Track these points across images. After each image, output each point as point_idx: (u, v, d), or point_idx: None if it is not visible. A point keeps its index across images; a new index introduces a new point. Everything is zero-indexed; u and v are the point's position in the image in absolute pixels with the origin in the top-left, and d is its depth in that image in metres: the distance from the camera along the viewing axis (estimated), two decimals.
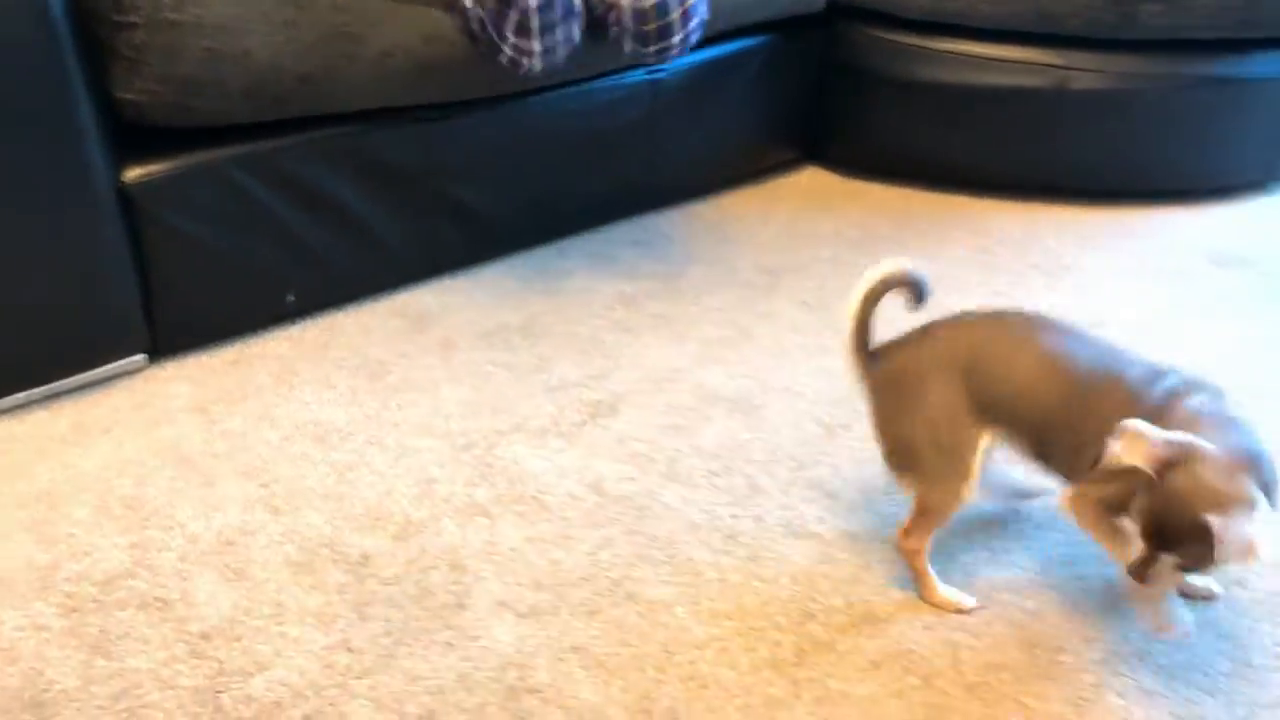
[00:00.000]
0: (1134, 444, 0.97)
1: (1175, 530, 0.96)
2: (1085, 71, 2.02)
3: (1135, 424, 0.97)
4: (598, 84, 1.88)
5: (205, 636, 1.14)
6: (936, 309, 1.70)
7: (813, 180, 2.23)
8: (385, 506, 1.32)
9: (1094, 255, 1.92)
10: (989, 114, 2.08)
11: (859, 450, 1.42)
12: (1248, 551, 0.93)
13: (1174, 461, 0.96)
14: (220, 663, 1.11)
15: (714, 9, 1.74)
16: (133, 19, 1.41)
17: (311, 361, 1.61)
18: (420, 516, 1.31)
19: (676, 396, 1.54)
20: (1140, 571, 1.00)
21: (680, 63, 1.99)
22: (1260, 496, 0.97)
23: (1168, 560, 0.98)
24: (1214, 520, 0.93)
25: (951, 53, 2.07)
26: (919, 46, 2.10)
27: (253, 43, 1.48)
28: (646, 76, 1.95)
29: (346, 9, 1.54)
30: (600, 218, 2.03)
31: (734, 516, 1.30)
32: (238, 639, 1.14)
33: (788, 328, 1.71)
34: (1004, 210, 2.09)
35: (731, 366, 1.61)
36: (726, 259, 1.94)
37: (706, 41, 2.03)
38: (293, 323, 1.69)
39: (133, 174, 1.49)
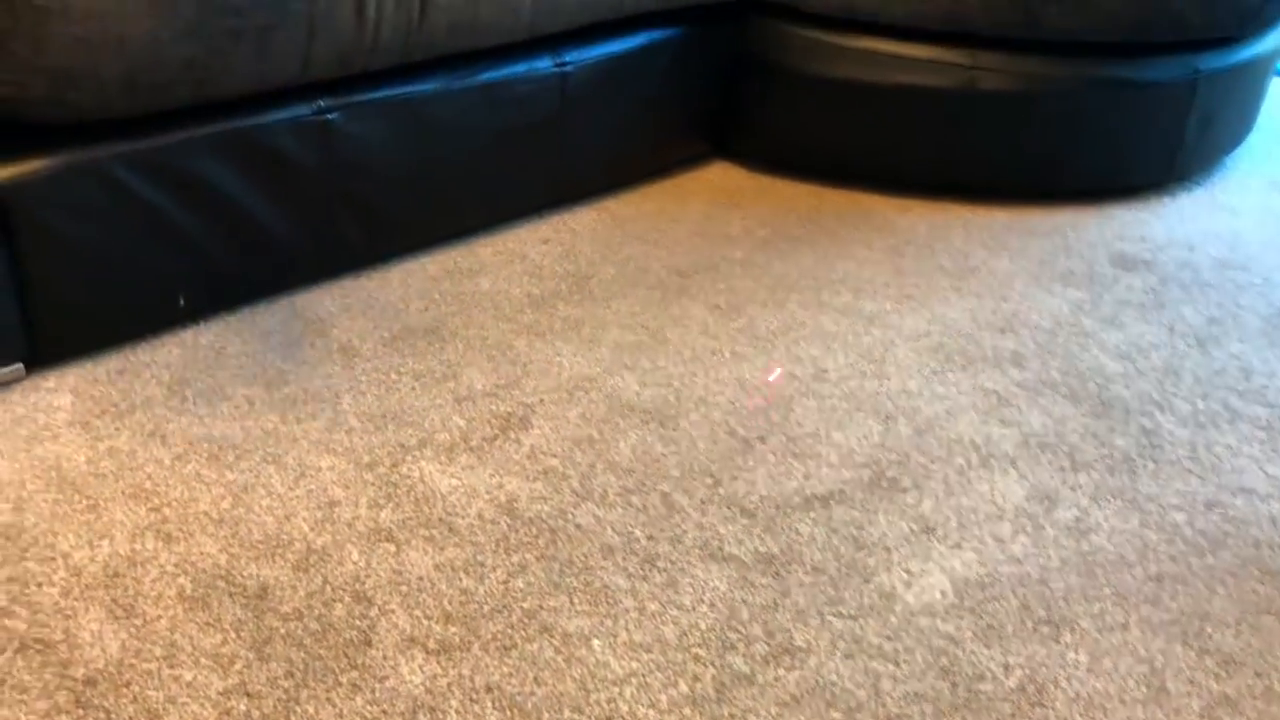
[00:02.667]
0: None
1: None
2: (992, 72, 2.03)
3: None
4: (505, 76, 1.82)
5: (91, 682, 1.07)
6: (847, 312, 1.71)
7: (723, 176, 2.21)
8: (285, 532, 1.26)
9: (1000, 257, 1.93)
10: (898, 112, 2.08)
11: (775, 464, 1.40)
12: None
13: None
14: (108, 712, 1.04)
15: None
16: None
17: (204, 370, 1.53)
18: (322, 543, 1.25)
19: (589, 407, 1.50)
20: None
21: (590, 54, 1.94)
22: None
23: None
24: None
25: (862, 50, 2.06)
26: (830, 43, 2.08)
27: (128, 27, 1.38)
28: (555, 69, 1.89)
29: None
30: (509, 215, 1.97)
31: (650, 538, 1.27)
32: (127, 684, 1.07)
33: (700, 332, 1.68)
34: (912, 209, 2.09)
35: (645, 374, 1.58)
36: (637, 259, 1.90)
37: (618, 33, 1.98)
38: (184, 328, 1.60)
39: (4, 173, 1.39)
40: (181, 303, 1.60)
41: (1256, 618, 1.19)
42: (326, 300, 1.71)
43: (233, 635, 1.13)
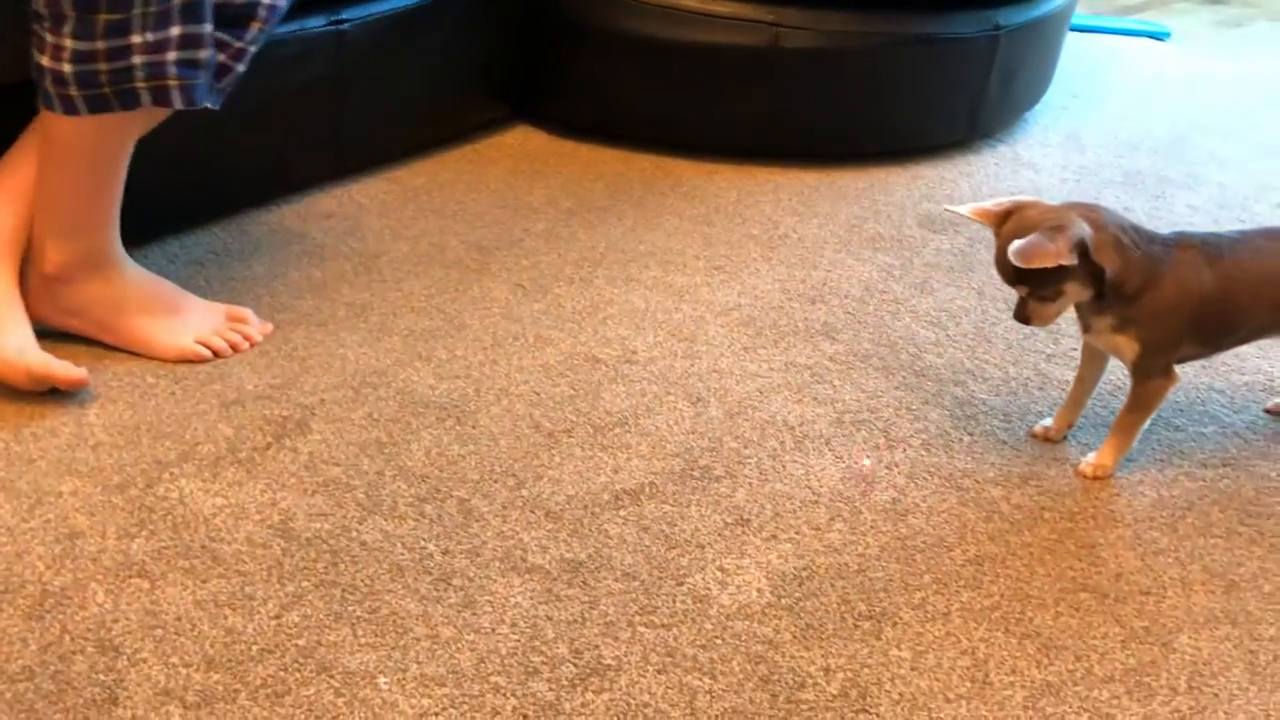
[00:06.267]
0: (976, 210, 1.24)
1: (1005, 261, 1.18)
2: (796, 29, 1.96)
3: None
4: (275, 36, 1.63)
5: None
6: (656, 288, 1.61)
7: (523, 140, 2.08)
8: (16, 574, 1.09)
9: (809, 223, 1.87)
10: (701, 71, 1.99)
11: (582, 459, 1.30)
12: (1049, 256, 1.15)
13: (1006, 215, 1.23)
14: None
15: None
16: None
17: None
18: (61, 584, 1.08)
19: (378, 405, 1.36)
20: (1019, 313, 1.25)
21: (369, 11, 1.77)
22: (1081, 226, 1.18)
23: (1023, 294, 1.23)
24: (1010, 248, 1.16)
25: (664, 5, 1.96)
26: None
27: None
28: (330, 27, 1.72)
29: None
30: (285, 189, 1.80)
31: (445, 553, 1.16)
32: None
33: (501, 315, 1.56)
34: (720, 174, 2.02)
35: (441, 365, 1.45)
36: (431, 234, 1.76)
37: None
38: None
39: None
40: None
41: (1075, 595, 1.16)
42: None
43: None
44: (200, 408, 1.33)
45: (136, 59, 1.22)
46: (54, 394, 1.32)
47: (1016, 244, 1.16)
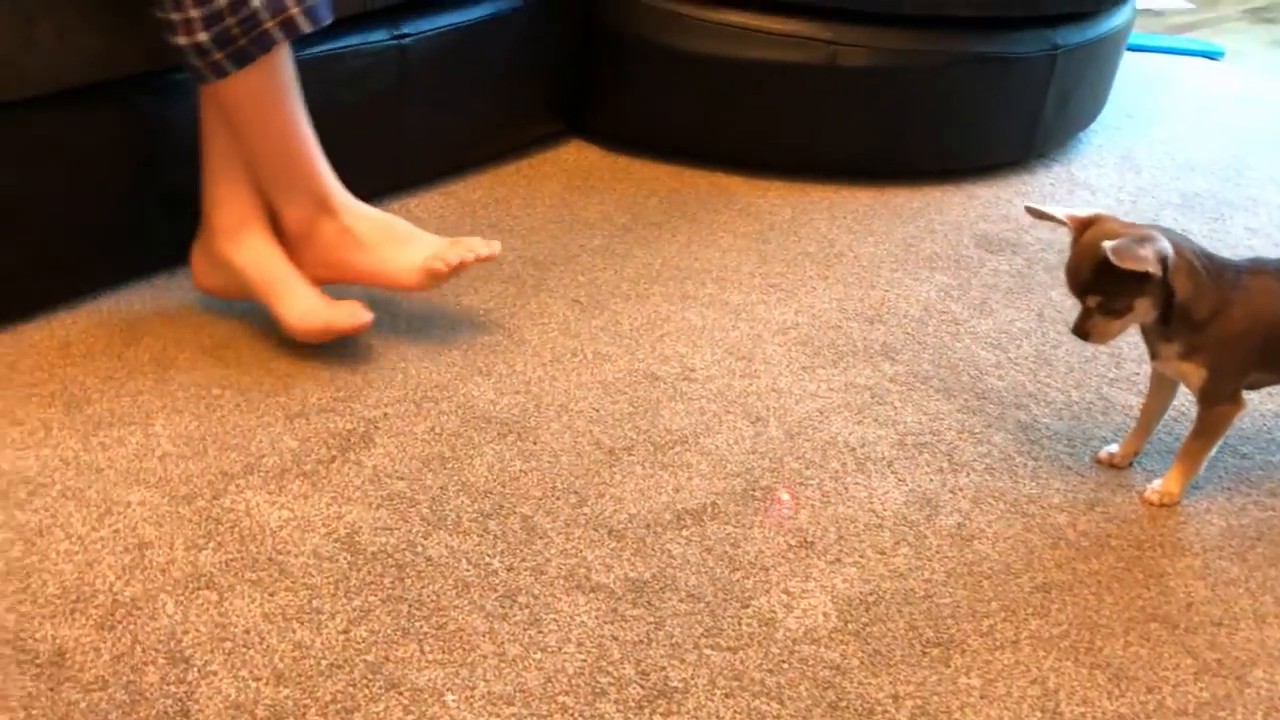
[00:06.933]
0: (1066, 213, 1.24)
1: (1081, 268, 1.20)
2: (854, 47, 1.96)
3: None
4: (337, 51, 1.65)
5: None
6: (713, 305, 1.60)
7: (578, 155, 2.08)
8: (87, 583, 1.10)
9: (865, 241, 1.86)
10: (758, 89, 1.99)
11: (643, 477, 1.29)
12: (1141, 261, 1.15)
13: (1088, 223, 1.23)
14: None
15: None
16: None
17: None
18: (131, 594, 1.09)
19: (440, 419, 1.37)
20: (1079, 327, 1.23)
21: (431, 25, 1.78)
22: (1165, 243, 1.19)
23: (1092, 305, 1.21)
24: (1105, 245, 1.15)
25: (720, 23, 1.96)
26: (686, 15, 1.97)
27: None
28: (393, 42, 1.73)
29: None
30: None
31: (510, 569, 1.16)
32: None
33: (559, 330, 1.57)
34: (774, 191, 2.01)
35: (501, 380, 1.45)
36: None
37: (461, 2, 1.83)
38: None
39: None
40: None
41: (1144, 625, 1.14)
42: (137, 304, 1.52)
43: (21, 714, 0.96)
44: (265, 420, 1.34)
45: (255, 2, 1.28)
46: (120, 405, 1.33)
47: (1112, 242, 1.15)
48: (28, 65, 1.33)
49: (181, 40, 1.29)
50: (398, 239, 1.46)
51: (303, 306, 1.41)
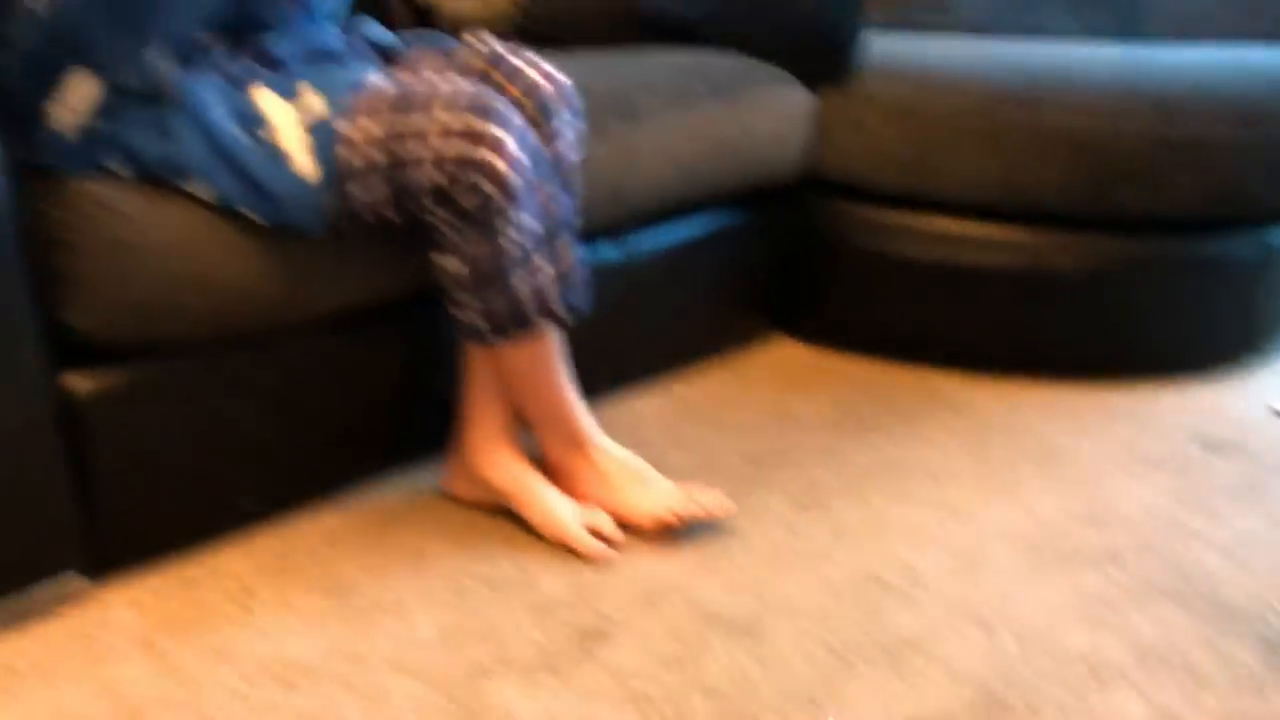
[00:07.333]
0: None
1: None
2: (1059, 251, 2.00)
3: None
4: None
5: None
6: (932, 505, 1.62)
7: (785, 354, 2.17)
8: None
9: (1081, 441, 1.87)
10: (961, 291, 2.05)
11: (877, 684, 1.31)
12: None
13: None
14: None
15: (691, 181, 1.82)
16: (74, 238, 1.31)
17: (269, 578, 1.47)
18: None
19: (673, 618, 1.42)
20: None
21: (656, 241, 1.93)
22: None
23: None
24: None
25: (924, 229, 2.05)
26: (890, 222, 2.07)
27: (210, 266, 1.39)
28: (620, 255, 1.88)
29: None
30: None
31: None
32: None
33: (781, 528, 1.62)
34: (984, 389, 2.04)
35: (728, 578, 1.50)
36: (706, 443, 1.85)
37: (682, 217, 1.97)
38: (247, 531, 1.55)
39: (82, 385, 1.37)
40: (248, 503, 1.55)
41: None
42: (395, 494, 1.66)
43: None
44: (510, 609, 1.42)
45: (522, 297, 1.47)
46: (383, 594, 1.44)
47: None
48: (316, 290, 1.51)
49: (456, 313, 1.49)
50: (639, 481, 1.60)
51: (564, 514, 1.55)
